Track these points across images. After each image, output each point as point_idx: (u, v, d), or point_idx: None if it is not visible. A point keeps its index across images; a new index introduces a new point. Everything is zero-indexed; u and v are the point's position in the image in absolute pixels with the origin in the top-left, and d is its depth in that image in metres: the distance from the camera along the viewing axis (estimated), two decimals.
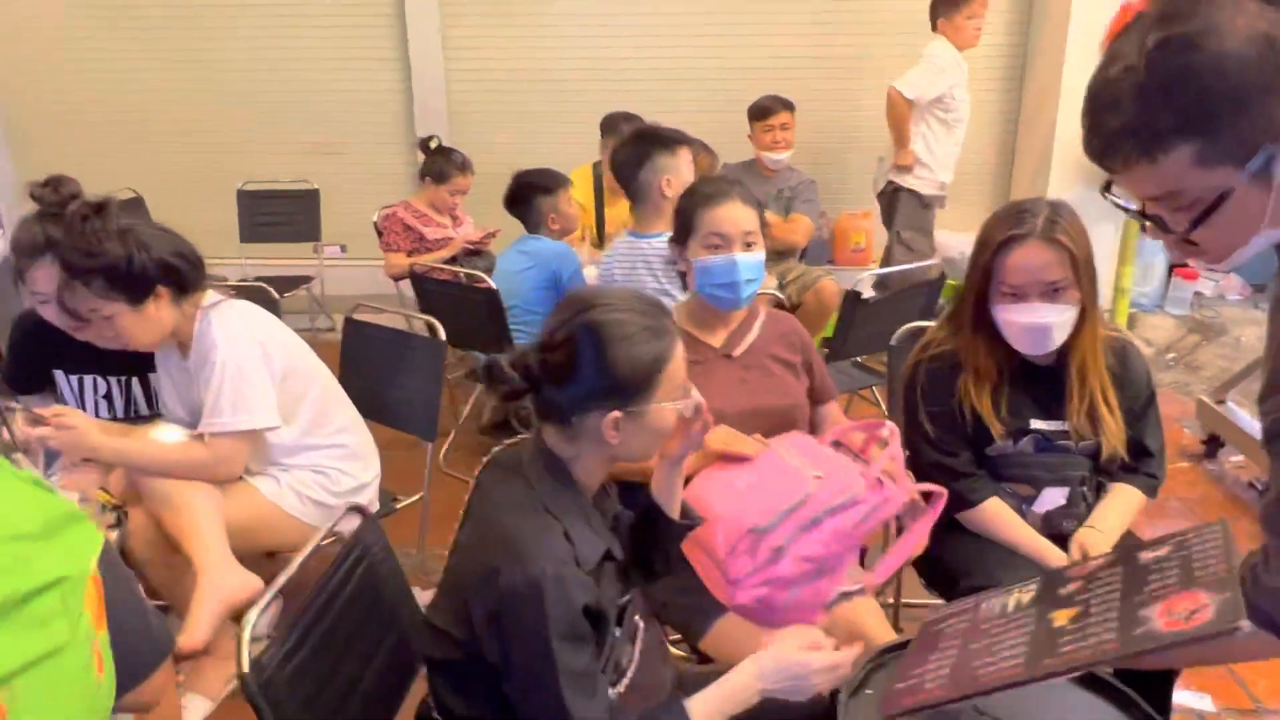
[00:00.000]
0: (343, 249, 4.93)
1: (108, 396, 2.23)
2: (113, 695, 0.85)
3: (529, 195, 3.23)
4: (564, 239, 3.32)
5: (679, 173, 2.59)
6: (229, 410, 1.94)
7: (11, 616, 0.69)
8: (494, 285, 2.99)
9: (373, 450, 2.25)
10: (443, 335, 2.40)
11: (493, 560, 1.12)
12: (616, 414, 1.18)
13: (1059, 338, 1.65)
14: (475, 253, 3.87)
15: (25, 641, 0.69)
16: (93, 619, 0.79)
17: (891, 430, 1.60)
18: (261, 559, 2.16)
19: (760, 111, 4.05)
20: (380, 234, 3.91)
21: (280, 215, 4.71)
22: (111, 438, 1.91)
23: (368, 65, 5.02)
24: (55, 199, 1.88)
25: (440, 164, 3.83)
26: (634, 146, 2.59)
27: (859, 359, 3.18)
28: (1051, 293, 1.61)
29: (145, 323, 1.91)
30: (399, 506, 2.37)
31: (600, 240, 3.85)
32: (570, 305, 1.22)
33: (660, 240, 2.50)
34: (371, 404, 2.36)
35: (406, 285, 3.83)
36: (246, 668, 1.09)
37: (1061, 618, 1.11)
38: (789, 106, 4.06)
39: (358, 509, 1.46)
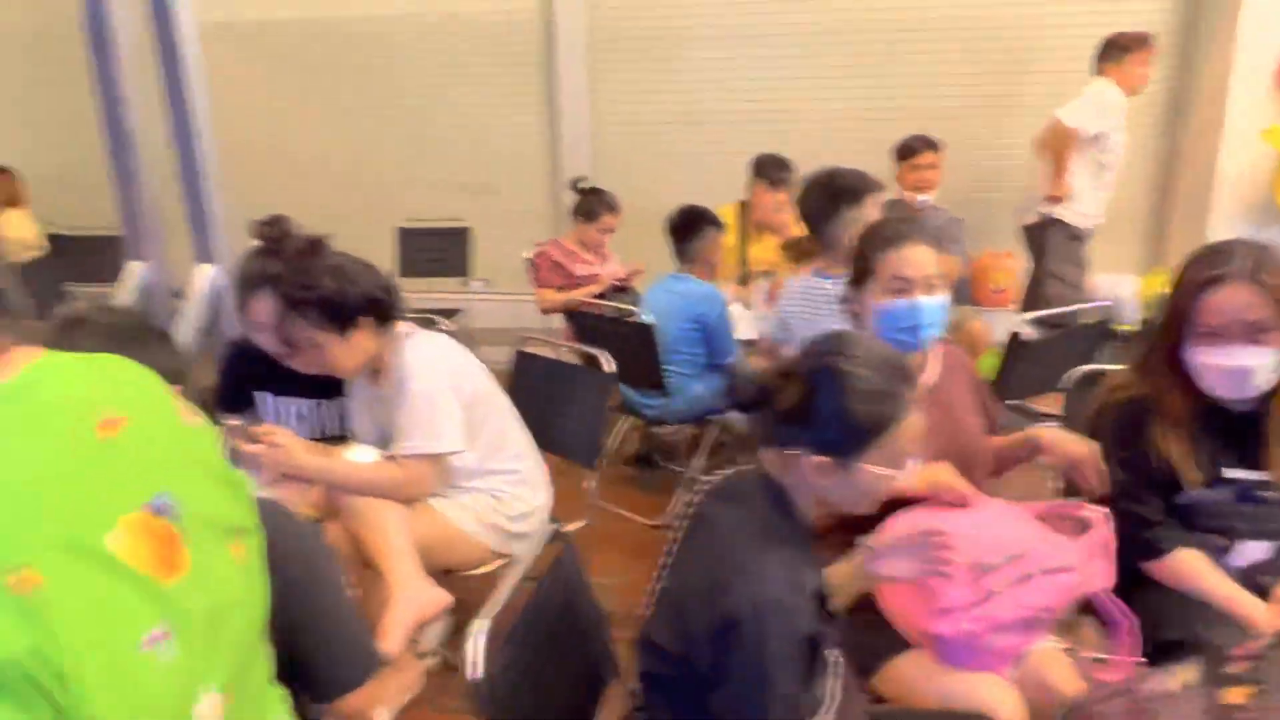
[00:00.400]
0: (486, 283, 5.16)
1: (302, 417, 2.41)
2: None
3: (699, 225, 3.29)
4: (711, 277, 3.39)
5: (868, 222, 2.57)
6: (421, 435, 2.07)
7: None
8: (650, 320, 3.07)
9: (544, 477, 2.35)
10: (610, 367, 2.48)
11: (721, 578, 1.16)
12: (824, 460, 1.22)
13: (1261, 382, 1.60)
14: (620, 289, 3.99)
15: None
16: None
17: (1098, 515, 1.56)
18: (437, 576, 2.27)
19: (906, 151, 4.05)
20: (532, 270, 4.08)
21: (434, 251, 4.97)
22: (313, 456, 2.07)
23: (517, 111, 5.28)
24: (274, 235, 2.06)
25: (591, 203, 3.98)
26: (822, 198, 2.56)
27: (1020, 401, 3.12)
28: (1254, 335, 1.56)
29: (350, 351, 2.07)
30: (564, 531, 2.45)
31: (744, 279, 3.90)
32: (822, 344, 1.26)
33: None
34: (535, 432, 2.46)
35: (554, 319, 3.99)
36: (480, 675, 1.17)
37: (1236, 695, 1.07)
38: (934, 146, 4.04)
39: (561, 536, 1.54)
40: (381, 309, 2.09)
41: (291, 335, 2.02)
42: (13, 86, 5.84)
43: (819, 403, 1.21)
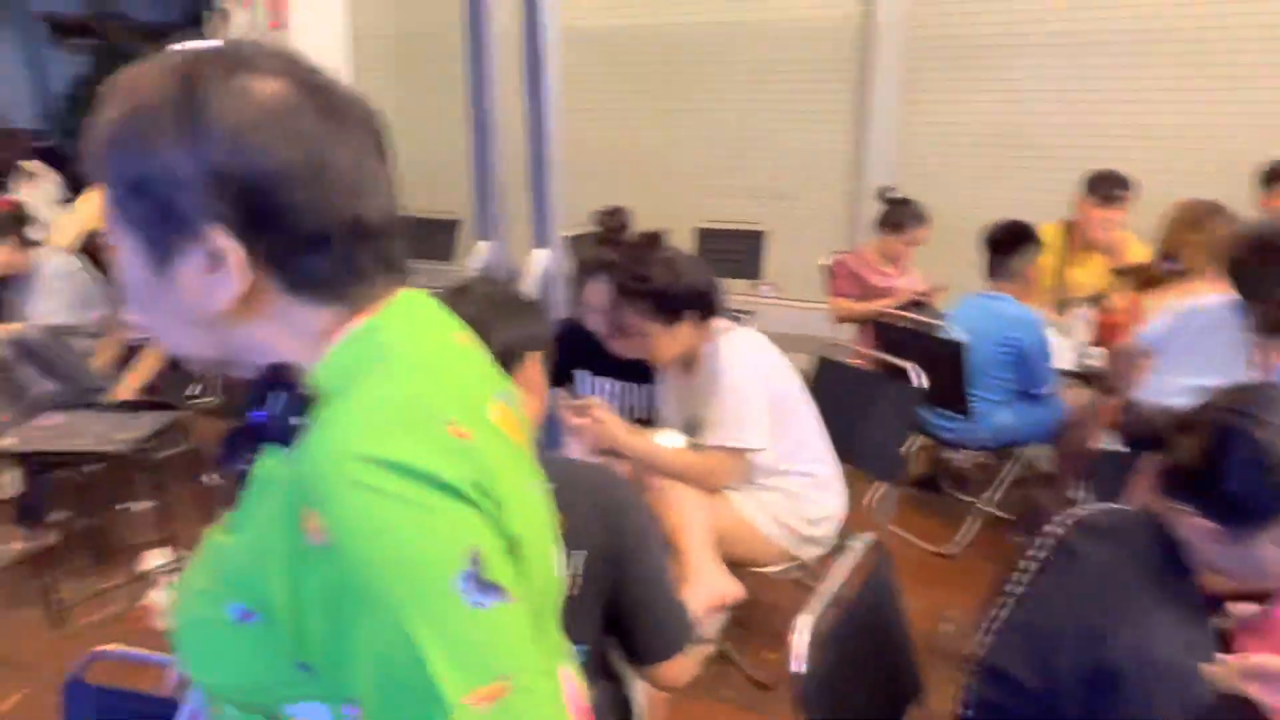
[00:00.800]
0: (773, 288, 5.19)
1: (614, 396, 2.56)
2: None
3: (1022, 241, 3.10)
4: (1025, 298, 3.18)
5: None
6: (729, 429, 2.13)
7: None
8: (962, 338, 2.93)
9: (841, 484, 2.33)
10: (920, 381, 2.41)
11: (1100, 623, 1.09)
12: (1217, 527, 1.10)
13: None
14: (917, 304, 3.85)
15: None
16: None
17: None
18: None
19: (1273, 175, 3.56)
20: (829, 277, 4.04)
21: (729, 253, 5.08)
22: (631, 435, 2.19)
23: (823, 117, 5.25)
24: (613, 225, 2.21)
25: (899, 214, 3.87)
26: (1259, 260, 2.13)
27: None
28: None
29: (672, 341, 2.17)
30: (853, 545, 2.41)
31: (1063, 304, 3.62)
32: (1233, 399, 1.14)
33: None
34: (834, 440, 2.43)
35: (842, 327, 3.94)
36: (804, 669, 1.18)
37: None
38: None
39: (877, 547, 1.52)
40: (706, 304, 2.17)
41: (621, 321, 2.15)
42: (380, 81, 6.71)
43: (1222, 466, 1.09)
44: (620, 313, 2.14)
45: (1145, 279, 2.81)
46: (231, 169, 0.63)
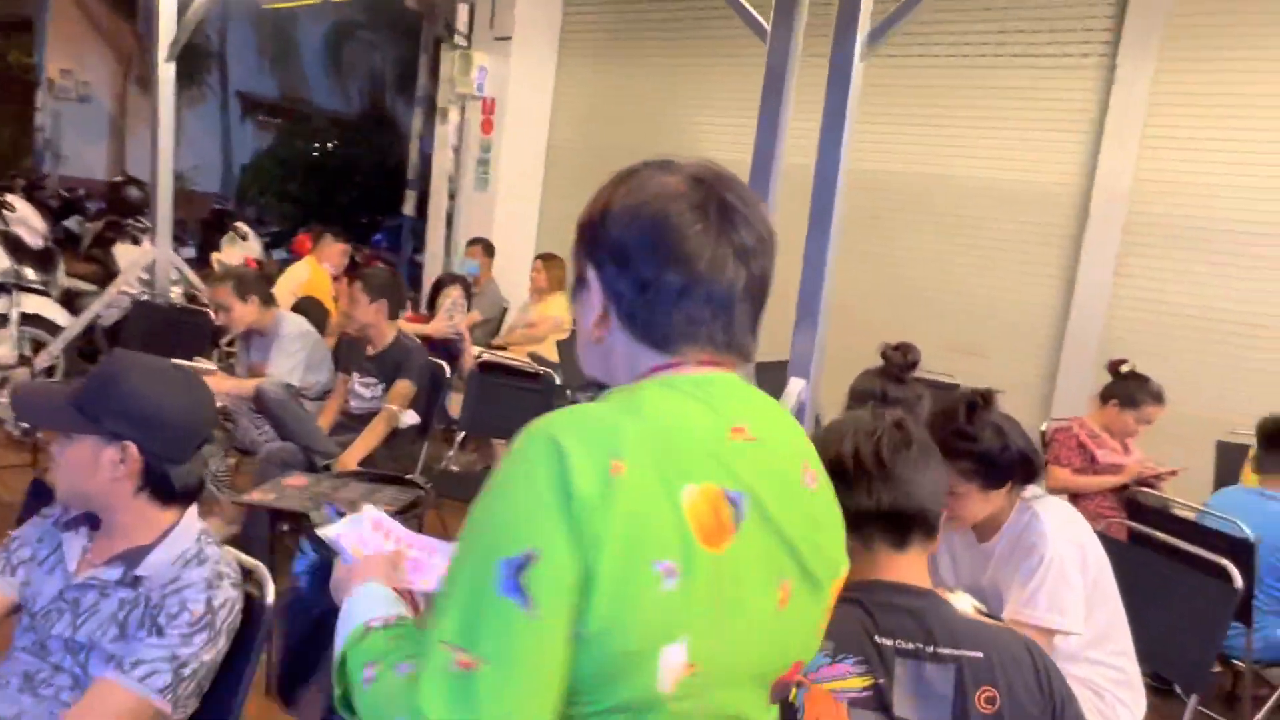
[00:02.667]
0: None
1: None
2: None
3: None
4: None
5: None
6: (1044, 605, 1.95)
7: None
8: (1247, 533, 2.69)
9: (1142, 685, 2.11)
10: (1237, 582, 2.19)
11: None
12: None
13: None
14: (1142, 485, 3.62)
15: None
16: None
17: None
18: None
19: None
20: (1052, 445, 3.85)
21: None
22: None
23: (1031, 279, 5.14)
24: (900, 361, 2.12)
25: (1133, 390, 3.69)
26: None
27: None
28: None
29: (985, 505, 2.02)
30: None
31: None
32: None
33: None
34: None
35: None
36: None
37: None
38: None
39: None
40: (1029, 473, 2.03)
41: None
42: (566, 185, 6.96)
43: None
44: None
45: None
46: None
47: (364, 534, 1.09)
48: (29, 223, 5.49)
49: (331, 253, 5.52)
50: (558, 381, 4.06)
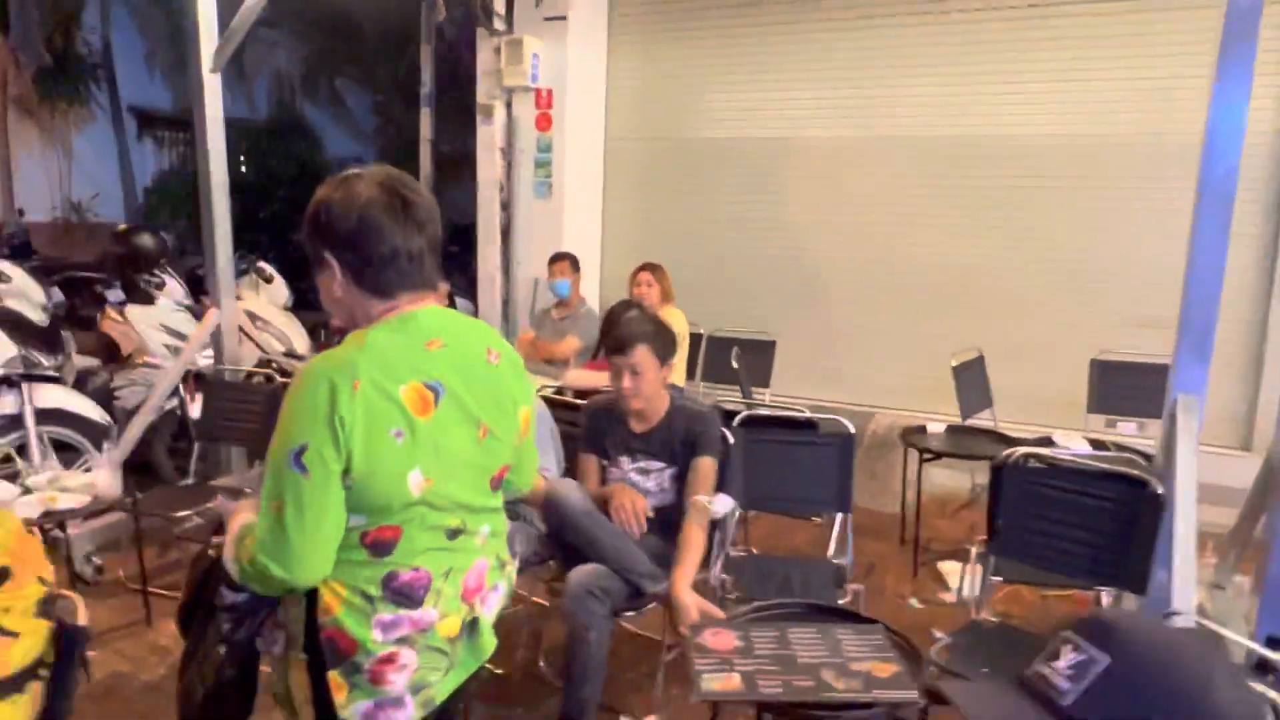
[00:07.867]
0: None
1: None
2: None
3: None
4: None
5: None
6: None
7: None
8: None
9: None
10: None
11: None
12: None
13: None
14: None
15: None
16: None
17: None
18: None
19: None
20: None
21: (1130, 389, 4.47)
22: None
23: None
24: None
25: None
26: None
27: None
28: None
29: None
30: None
31: None
32: None
33: None
34: None
35: None
36: None
37: None
38: None
39: None
40: None
41: None
42: (627, 184, 6.16)
43: None
44: None
45: None
46: None
47: None
48: (29, 294, 4.31)
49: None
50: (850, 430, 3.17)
